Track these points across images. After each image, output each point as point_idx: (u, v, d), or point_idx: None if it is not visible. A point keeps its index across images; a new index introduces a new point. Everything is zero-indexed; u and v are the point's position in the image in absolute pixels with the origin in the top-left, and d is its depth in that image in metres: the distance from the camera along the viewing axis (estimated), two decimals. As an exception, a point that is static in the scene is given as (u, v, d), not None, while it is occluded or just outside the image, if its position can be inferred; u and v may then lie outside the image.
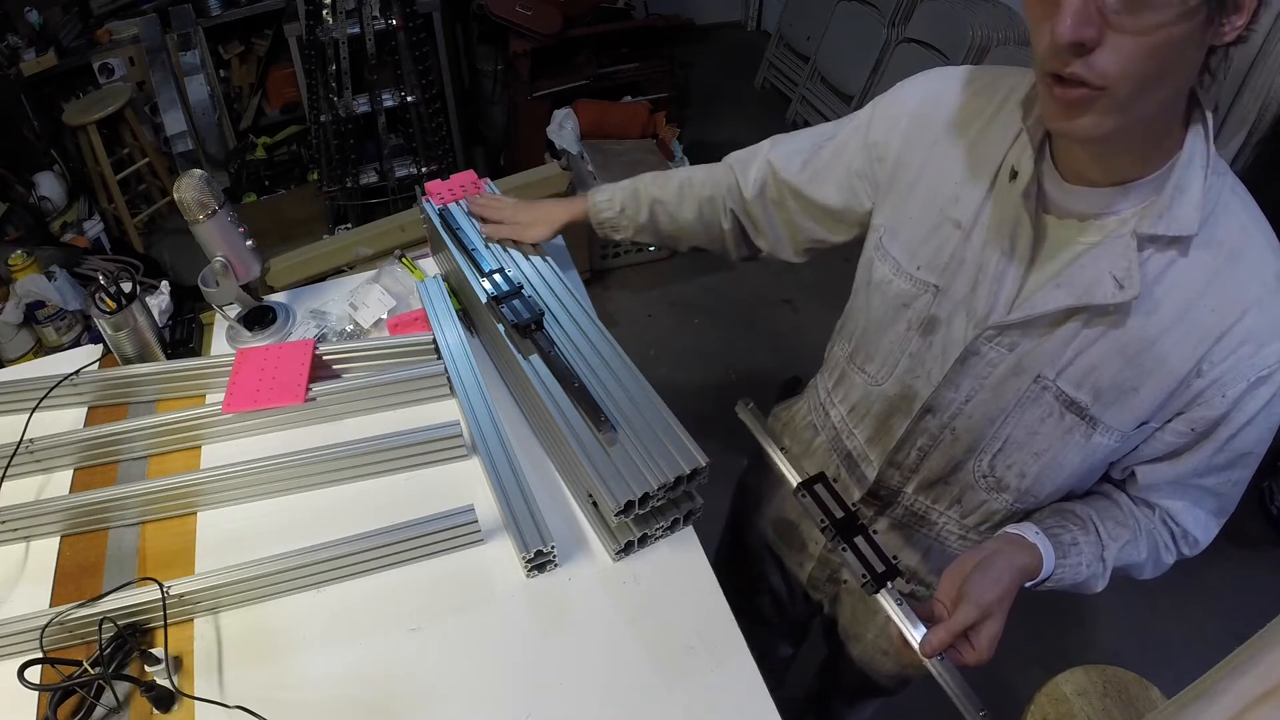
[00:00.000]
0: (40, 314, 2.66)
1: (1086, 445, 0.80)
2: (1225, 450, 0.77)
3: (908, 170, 0.86)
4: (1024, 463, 0.85)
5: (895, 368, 0.91)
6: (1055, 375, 0.78)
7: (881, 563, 0.80)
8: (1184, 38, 0.59)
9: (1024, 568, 0.78)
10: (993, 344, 0.80)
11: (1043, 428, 0.81)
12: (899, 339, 0.90)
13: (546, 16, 3.07)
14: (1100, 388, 0.76)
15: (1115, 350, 0.74)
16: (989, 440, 0.86)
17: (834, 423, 1.06)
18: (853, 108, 3.44)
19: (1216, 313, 0.70)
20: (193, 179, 1.16)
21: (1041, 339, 0.77)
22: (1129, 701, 1.25)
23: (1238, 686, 0.51)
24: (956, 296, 0.82)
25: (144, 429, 1.12)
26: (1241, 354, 0.70)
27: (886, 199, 0.90)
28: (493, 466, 1.03)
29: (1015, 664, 1.14)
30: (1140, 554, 0.84)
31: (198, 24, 3.33)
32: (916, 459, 0.94)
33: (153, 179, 3.41)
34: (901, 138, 0.87)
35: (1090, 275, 0.72)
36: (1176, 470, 0.80)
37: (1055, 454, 0.82)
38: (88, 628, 0.90)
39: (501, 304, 1.11)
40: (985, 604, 0.75)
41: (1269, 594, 2.05)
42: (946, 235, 0.82)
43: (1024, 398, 0.80)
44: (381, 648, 0.92)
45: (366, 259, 2.38)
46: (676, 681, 0.88)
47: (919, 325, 0.87)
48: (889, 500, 1.01)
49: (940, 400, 0.87)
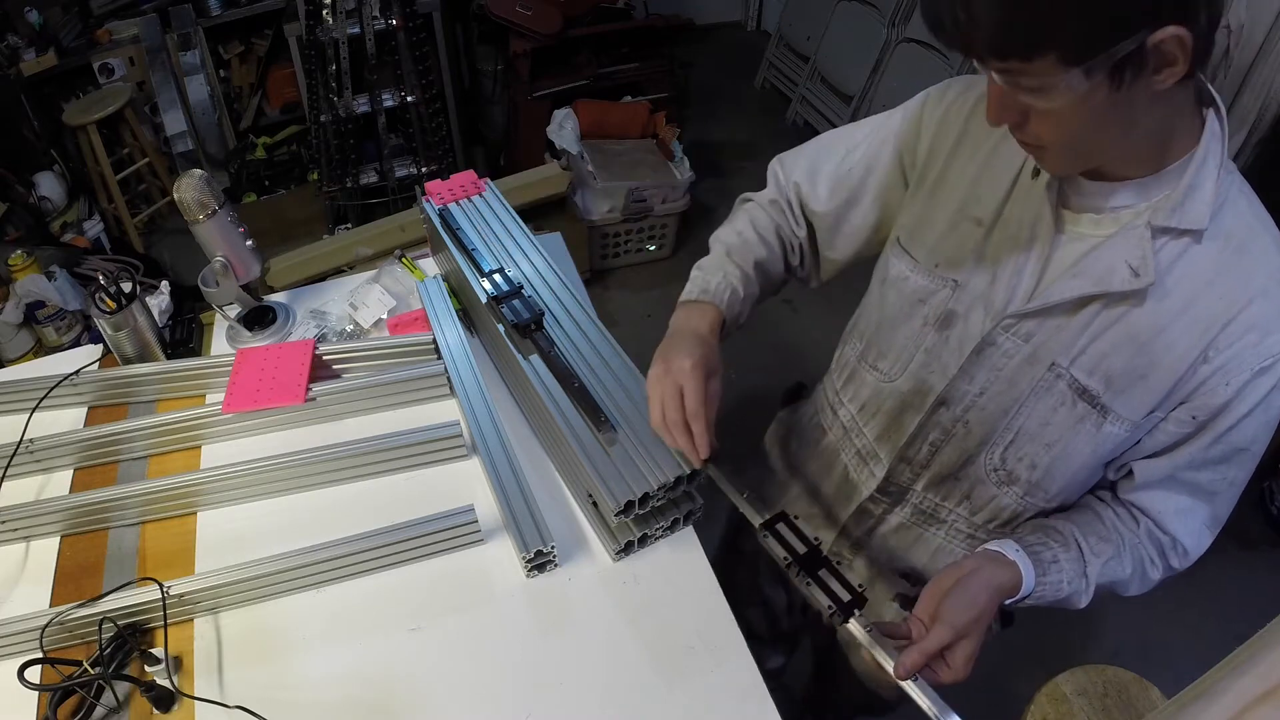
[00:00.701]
0: (40, 314, 2.66)
1: (1097, 435, 0.81)
2: (1222, 442, 0.77)
3: (931, 173, 0.88)
4: (1035, 454, 0.86)
5: (910, 363, 0.92)
6: (1069, 363, 0.79)
7: (848, 592, 0.80)
8: (1104, 103, 0.63)
9: (1001, 586, 0.79)
10: (1009, 334, 0.81)
11: (1055, 417, 0.82)
12: (914, 334, 0.91)
13: (546, 16, 3.07)
14: (1112, 375, 0.77)
15: (1127, 338, 0.76)
16: (1001, 432, 0.87)
17: (843, 422, 1.06)
18: (852, 107, 3.46)
19: (1224, 300, 0.72)
20: (193, 179, 1.16)
21: (1057, 328, 0.79)
22: (1129, 701, 1.26)
23: (1238, 686, 0.51)
24: (975, 291, 0.84)
25: (144, 429, 1.12)
26: (1246, 341, 0.72)
27: (910, 202, 0.92)
28: (493, 466, 1.03)
29: (1015, 664, 1.14)
30: (1124, 570, 0.85)
31: (198, 24, 3.33)
32: (928, 454, 0.94)
33: (153, 179, 3.41)
34: (929, 143, 0.89)
35: (1106, 264, 0.74)
36: (1174, 462, 0.81)
37: (1066, 444, 0.83)
38: (88, 628, 0.90)
39: (501, 304, 1.11)
40: (960, 625, 0.76)
41: (1269, 594, 2.05)
42: (966, 232, 0.84)
43: (1038, 387, 0.82)
44: (381, 648, 0.92)
45: (366, 259, 2.38)
46: (676, 681, 0.88)
47: (935, 320, 0.88)
48: (898, 497, 1.01)
49: (955, 392, 0.88)
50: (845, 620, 0.80)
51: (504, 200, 1.34)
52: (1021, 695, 1.31)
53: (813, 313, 2.93)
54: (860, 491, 1.04)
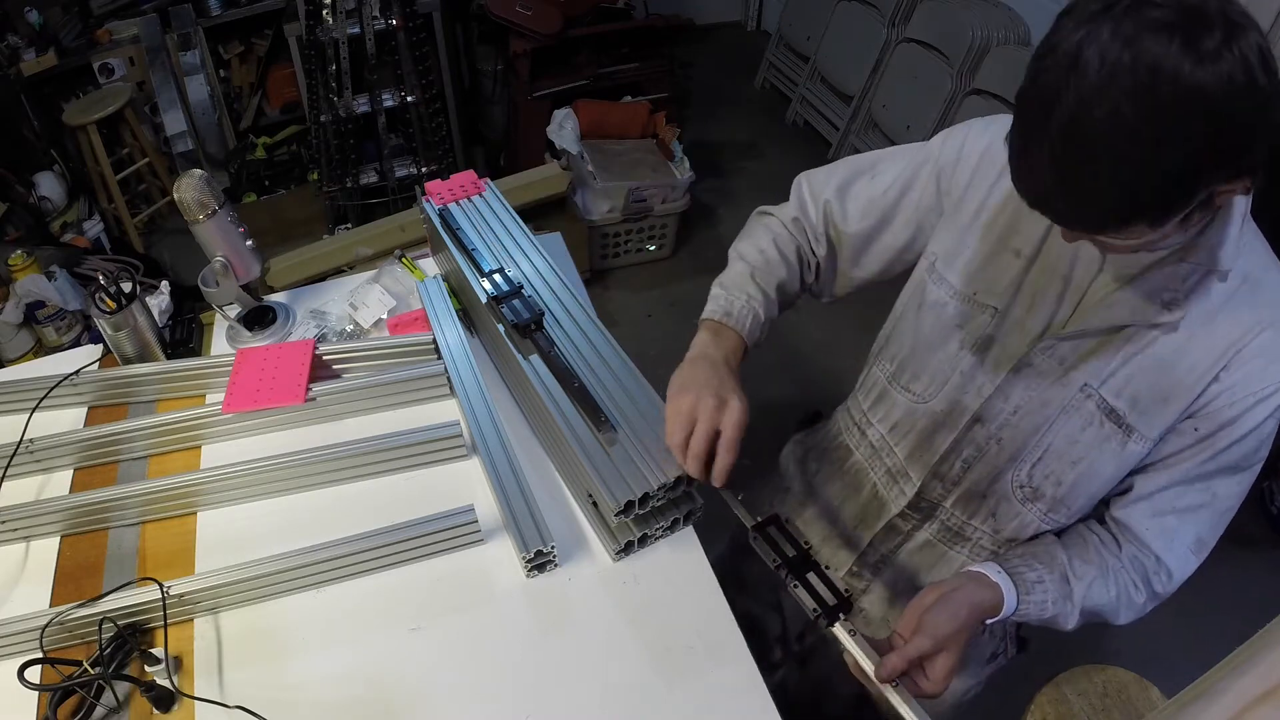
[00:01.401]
0: (40, 314, 2.66)
1: (1121, 454, 0.84)
2: (1217, 460, 0.81)
3: (971, 202, 0.91)
4: (1061, 471, 0.88)
5: (945, 385, 0.94)
6: (1099, 385, 0.83)
7: (834, 596, 0.83)
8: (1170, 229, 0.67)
9: (981, 604, 0.83)
10: (1045, 355, 0.85)
11: (1083, 436, 0.85)
12: (950, 358, 0.93)
13: (546, 16, 3.07)
14: (1137, 397, 0.82)
15: (1154, 362, 0.80)
16: (1031, 449, 0.89)
17: (871, 441, 1.07)
18: (852, 107, 3.46)
19: (1240, 327, 0.77)
20: (193, 179, 1.16)
21: (1089, 352, 0.83)
22: (1129, 701, 1.26)
23: (1238, 686, 0.52)
24: (1014, 317, 0.88)
25: (144, 429, 1.12)
26: (1254, 366, 0.77)
27: (945, 229, 0.94)
28: (493, 466, 1.03)
29: (1015, 664, 1.15)
30: (1109, 593, 0.88)
31: (198, 24, 3.32)
32: (961, 470, 0.96)
33: (153, 179, 3.41)
34: (969, 173, 0.91)
35: (1142, 295, 0.79)
36: (1169, 476, 0.84)
37: (1092, 462, 0.86)
38: (88, 628, 0.90)
39: (501, 304, 1.11)
40: (940, 637, 0.79)
41: (1269, 594, 2.05)
42: (1007, 263, 0.87)
43: (1068, 407, 0.85)
44: (381, 648, 0.92)
45: (366, 259, 2.38)
46: (676, 681, 0.88)
47: (973, 344, 0.91)
48: (928, 513, 1.02)
49: (990, 410, 0.90)
50: (831, 624, 0.83)
51: (504, 200, 1.34)
52: (1021, 695, 1.31)
53: (813, 312, 2.92)
54: (890, 509, 1.05)
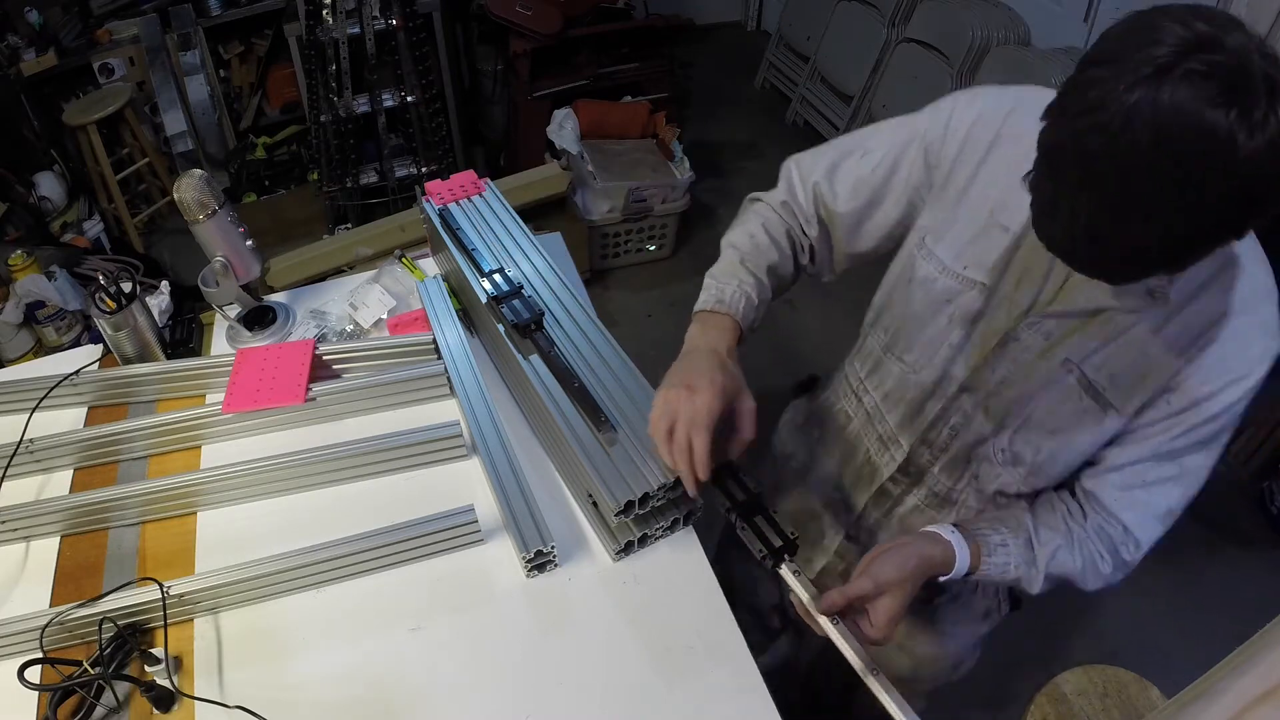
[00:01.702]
0: (40, 314, 2.66)
1: (1098, 428, 0.86)
2: (1187, 436, 0.83)
3: (959, 177, 0.91)
4: (1040, 440, 0.91)
5: (935, 356, 0.96)
6: (1080, 360, 0.85)
7: (780, 539, 0.87)
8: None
9: (931, 557, 0.86)
10: (1031, 330, 0.87)
11: (1062, 408, 0.87)
12: (940, 331, 0.94)
13: (546, 16, 3.07)
14: (1116, 373, 0.84)
15: (1134, 342, 0.82)
16: (1013, 418, 0.91)
17: (866, 409, 1.09)
18: (852, 107, 3.46)
19: (1218, 309, 0.79)
20: (193, 179, 1.16)
21: (1074, 328, 0.84)
22: (1129, 701, 1.26)
23: (1238, 686, 0.52)
24: (1002, 293, 0.88)
25: (144, 429, 1.12)
26: (1229, 348, 0.79)
27: (934, 203, 0.94)
28: (493, 466, 1.03)
29: (1015, 664, 1.15)
30: (1074, 562, 0.90)
31: (198, 24, 3.32)
32: (948, 437, 0.98)
33: (153, 179, 3.41)
34: (957, 148, 0.91)
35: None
36: (1139, 450, 0.86)
37: (1069, 433, 0.88)
38: (88, 628, 0.90)
39: (501, 304, 1.11)
40: (881, 580, 0.82)
41: (1268, 594, 2.04)
42: (995, 239, 0.88)
43: (1051, 380, 0.87)
44: (381, 648, 0.92)
45: (366, 259, 2.38)
46: (676, 681, 0.88)
47: (962, 318, 0.92)
48: (917, 478, 1.05)
49: (976, 380, 0.92)
50: (776, 565, 0.87)
51: (504, 200, 1.35)
52: (1021, 695, 1.32)
53: (812, 311, 2.93)
54: (881, 473, 1.07)
